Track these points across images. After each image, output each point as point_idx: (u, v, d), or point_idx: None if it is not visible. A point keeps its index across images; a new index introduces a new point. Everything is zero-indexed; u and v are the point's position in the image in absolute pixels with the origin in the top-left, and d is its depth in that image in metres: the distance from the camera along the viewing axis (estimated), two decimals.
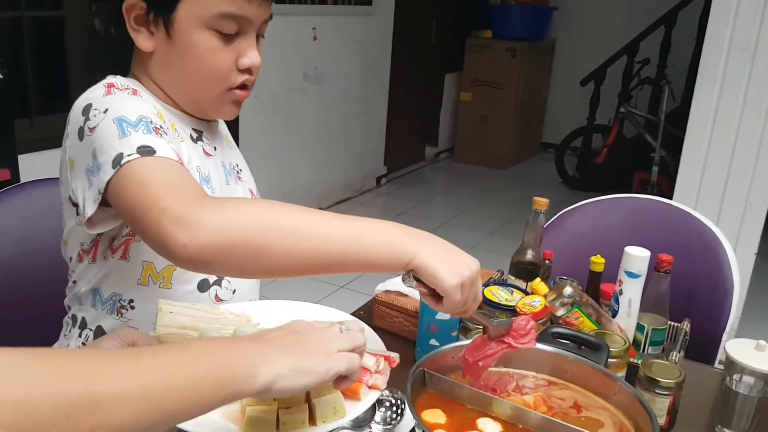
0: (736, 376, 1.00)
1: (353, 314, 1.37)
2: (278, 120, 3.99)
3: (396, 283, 1.34)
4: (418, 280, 0.80)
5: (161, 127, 0.89)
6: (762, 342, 1.01)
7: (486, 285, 1.29)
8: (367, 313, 1.36)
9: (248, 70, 0.99)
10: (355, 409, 0.80)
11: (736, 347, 1.01)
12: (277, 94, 3.92)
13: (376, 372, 0.83)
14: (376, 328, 1.31)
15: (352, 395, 0.81)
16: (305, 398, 0.77)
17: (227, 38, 0.96)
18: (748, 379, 1.00)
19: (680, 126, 3.09)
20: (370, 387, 0.83)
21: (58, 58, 2.81)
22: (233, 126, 3.60)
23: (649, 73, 4.86)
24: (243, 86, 1.01)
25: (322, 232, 0.78)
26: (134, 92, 0.94)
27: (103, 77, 1.05)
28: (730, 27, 2.59)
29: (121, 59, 1.04)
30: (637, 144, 4.88)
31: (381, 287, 1.35)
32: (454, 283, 0.77)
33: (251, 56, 0.98)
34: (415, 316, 1.24)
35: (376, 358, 0.84)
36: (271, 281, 3.35)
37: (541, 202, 1.30)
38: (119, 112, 0.87)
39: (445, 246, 0.81)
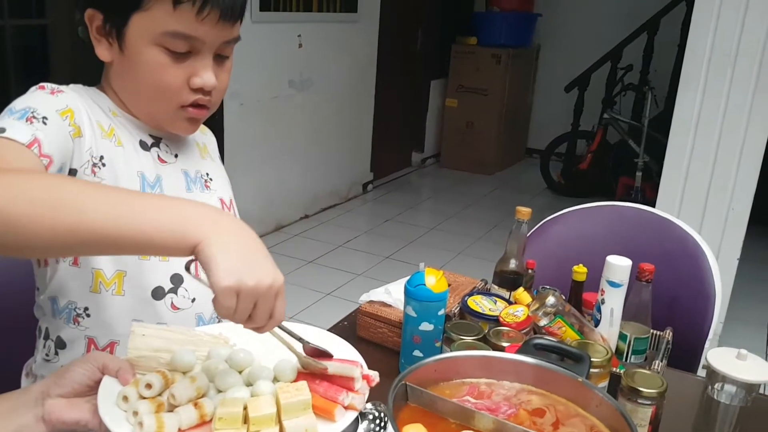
0: (717, 386, 1.01)
1: (337, 325, 1.37)
2: (264, 127, 3.98)
3: (380, 294, 1.34)
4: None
5: (45, 117, 0.88)
6: (743, 351, 1.01)
7: (470, 294, 1.30)
8: (351, 324, 1.35)
9: (201, 90, 0.99)
10: (330, 431, 0.77)
11: (718, 356, 1.02)
12: (262, 101, 3.91)
13: (353, 392, 0.81)
14: (359, 339, 1.32)
15: (326, 416, 0.78)
16: (276, 420, 0.76)
17: (177, 56, 0.95)
18: (730, 389, 1.00)
19: (663, 131, 3.12)
20: (346, 408, 0.80)
21: (41, 66, 2.79)
22: (218, 133, 3.59)
23: (633, 79, 4.91)
24: (198, 105, 1.01)
25: (91, 206, 0.69)
26: (57, 92, 0.94)
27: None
28: (711, 34, 2.62)
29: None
30: (621, 149, 4.92)
31: (365, 297, 1.35)
32: (225, 283, 0.68)
33: (204, 77, 0.97)
34: (398, 326, 1.23)
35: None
36: None
37: (524, 212, 1.30)
38: (13, 105, 0.89)
39: (250, 246, 0.72)
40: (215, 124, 3.56)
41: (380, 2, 4.77)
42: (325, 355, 0.85)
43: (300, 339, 0.85)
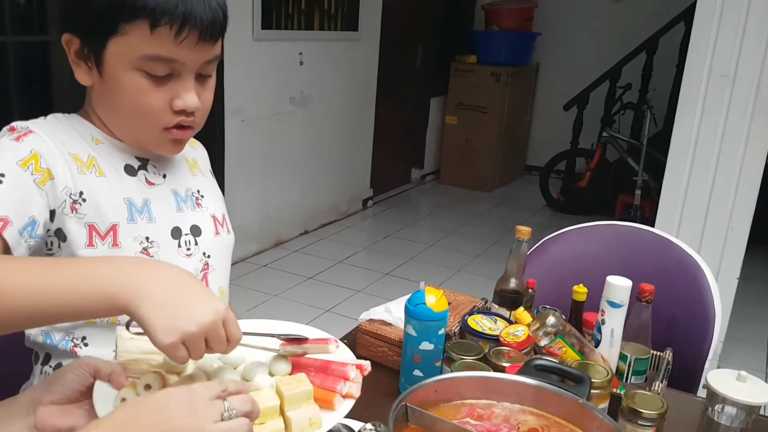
0: (717, 407, 1.01)
1: None
2: (265, 143, 4.00)
3: (380, 312, 1.34)
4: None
5: (2, 174, 0.87)
6: (743, 373, 1.01)
7: (470, 313, 1.30)
8: (351, 342, 1.35)
9: (184, 112, 0.97)
10: (332, 419, 0.80)
11: (718, 378, 1.02)
12: (263, 117, 3.93)
13: (349, 380, 0.84)
14: (359, 358, 1.31)
15: (326, 406, 0.81)
16: (280, 410, 0.77)
17: (158, 80, 0.94)
18: (730, 410, 1.00)
19: (662, 150, 3.13)
20: (344, 396, 0.83)
21: (43, 83, 2.81)
22: (219, 149, 3.61)
23: (631, 98, 4.93)
24: (182, 126, 0.99)
25: (17, 290, 0.70)
26: (24, 135, 0.93)
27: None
28: (710, 55, 2.64)
29: None
30: (620, 168, 4.94)
31: (365, 316, 1.35)
32: (167, 342, 0.69)
33: (186, 99, 0.96)
34: (399, 345, 1.23)
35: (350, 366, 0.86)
36: (253, 306, 3.34)
37: (524, 231, 1.31)
38: None
39: (179, 290, 0.72)
40: (216, 141, 3.58)
41: (381, 20, 4.81)
42: (301, 340, 0.90)
43: (272, 335, 0.88)
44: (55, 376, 0.79)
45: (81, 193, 0.95)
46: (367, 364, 0.87)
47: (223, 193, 1.24)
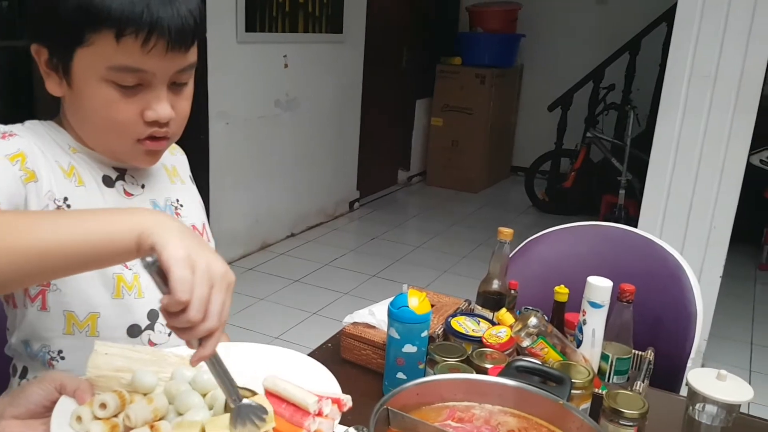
0: (698, 406, 1.02)
1: (321, 347, 1.37)
2: (250, 146, 3.99)
3: (363, 315, 1.34)
4: (157, 268, 0.68)
5: None
6: (723, 372, 1.02)
7: (453, 315, 1.30)
8: (335, 345, 1.35)
9: (156, 123, 0.94)
10: None
11: (698, 377, 1.03)
12: (248, 120, 3.92)
13: (320, 416, 0.78)
14: (343, 361, 1.31)
15: None
16: None
17: (127, 90, 0.91)
18: (711, 409, 1.01)
19: (646, 150, 3.15)
20: None
21: (26, 87, 2.78)
22: (203, 152, 3.59)
23: (615, 98, 4.97)
24: (156, 137, 0.96)
25: (34, 228, 0.70)
26: (8, 136, 0.92)
27: None
28: (691, 55, 2.66)
29: None
30: (604, 168, 4.97)
31: (348, 319, 1.35)
32: (181, 254, 0.67)
33: (157, 109, 0.93)
34: (382, 348, 1.23)
35: (320, 399, 0.79)
36: (239, 310, 3.32)
37: (506, 233, 1.31)
38: None
39: (195, 239, 0.71)
40: (200, 144, 3.56)
41: (365, 23, 4.81)
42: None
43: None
44: (20, 390, 0.78)
45: (66, 199, 0.94)
46: (346, 399, 0.81)
47: (209, 197, 1.23)
